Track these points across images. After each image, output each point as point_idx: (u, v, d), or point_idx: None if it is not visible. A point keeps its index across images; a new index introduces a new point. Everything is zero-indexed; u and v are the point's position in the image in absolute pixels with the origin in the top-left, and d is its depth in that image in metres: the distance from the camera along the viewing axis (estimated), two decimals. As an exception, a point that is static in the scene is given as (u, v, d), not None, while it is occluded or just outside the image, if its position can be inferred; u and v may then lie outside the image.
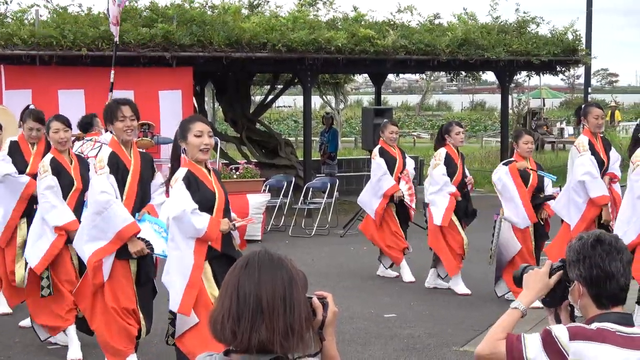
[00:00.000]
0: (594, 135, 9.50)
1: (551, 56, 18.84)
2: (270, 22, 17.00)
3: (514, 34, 18.95)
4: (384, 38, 17.33)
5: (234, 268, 2.96)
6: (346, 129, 40.20)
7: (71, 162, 8.21)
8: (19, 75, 14.86)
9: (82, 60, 15.19)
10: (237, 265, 2.97)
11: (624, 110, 52.71)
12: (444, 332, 8.88)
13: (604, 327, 3.53)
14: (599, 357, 3.46)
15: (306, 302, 2.95)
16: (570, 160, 9.59)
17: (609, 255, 3.56)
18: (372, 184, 11.54)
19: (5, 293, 9.01)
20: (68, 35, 14.89)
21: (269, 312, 2.85)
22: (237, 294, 2.89)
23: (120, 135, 7.23)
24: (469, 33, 18.23)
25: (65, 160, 8.13)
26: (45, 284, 8.10)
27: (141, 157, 7.45)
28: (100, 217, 7.02)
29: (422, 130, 45.84)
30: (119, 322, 7.12)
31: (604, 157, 9.48)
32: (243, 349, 2.88)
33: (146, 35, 15.42)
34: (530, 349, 3.53)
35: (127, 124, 7.20)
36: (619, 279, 3.56)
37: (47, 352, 8.18)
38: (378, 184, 11.35)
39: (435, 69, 25.20)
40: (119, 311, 7.12)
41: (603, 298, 3.58)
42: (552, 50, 18.80)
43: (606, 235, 3.66)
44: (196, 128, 6.61)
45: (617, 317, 3.58)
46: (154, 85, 15.86)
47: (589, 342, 3.48)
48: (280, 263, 2.96)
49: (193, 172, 6.58)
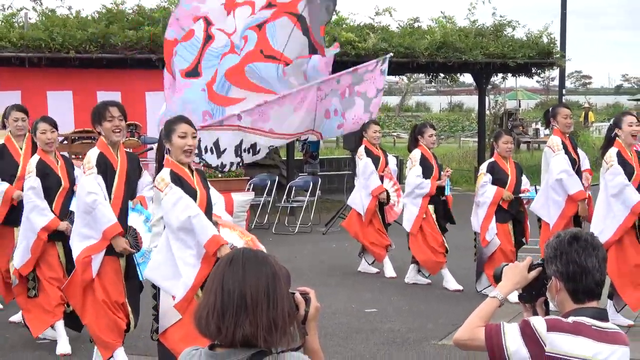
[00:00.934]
0: (564, 135, 9.50)
1: (527, 59, 18.92)
2: (256, 26, 16.98)
3: (490, 37, 19.02)
4: (365, 41, 17.39)
5: (218, 265, 2.95)
6: (329, 129, 40.20)
7: (57, 162, 8.19)
8: (9, 77, 14.83)
9: (70, 62, 15.17)
10: (222, 262, 2.96)
11: (597, 111, 53.02)
12: (423, 326, 8.89)
13: (580, 321, 3.54)
14: (574, 349, 3.48)
15: (289, 297, 2.94)
16: (545, 160, 9.58)
17: (585, 251, 3.58)
18: (361, 183, 11.50)
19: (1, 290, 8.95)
20: (57, 38, 14.86)
21: (252, 307, 2.84)
22: (221, 290, 2.88)
23: (109, 135, 7.17)
24: (447, 36, 18.30)
25: (51, 160, 8.11)
26: (31, 285, 8.09)
27: (128, 157, 7.41)
28: (90, 216, 6.99)
29: (402, 130, 45.83)
30: (109, 315, 7.08)
31: (575, 156, 9.52)
32: (227, 343, 2.87)
33: (133, 38, 15.40)
34: (509, 338, 3.54)
35: (116, 123, 7.14)
36: (594, 274, 3.58)
37: (37, 347, 8.14)
38: (366, 183, 11.34)
39: (415, 71, 25.29)
40: (110, 305, 7.09)
41: (579, 293, 3.60)
42: (527, 53, 18.88)
43: (582, 233, 3.68)
44: (180, 129, 6.53)
45: (593, 312, 3.59)
46: (140, 87, 15.85)
47: (565, 335, 3.49)
48: (264, 260, 2.96)
49: (176, 172, 6.50)
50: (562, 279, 3.60)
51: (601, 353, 3.51)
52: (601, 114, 52.10)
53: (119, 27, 15.71)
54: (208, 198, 6.69)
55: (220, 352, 2.90)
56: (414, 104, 68.41)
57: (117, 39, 15.31)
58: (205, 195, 6.65)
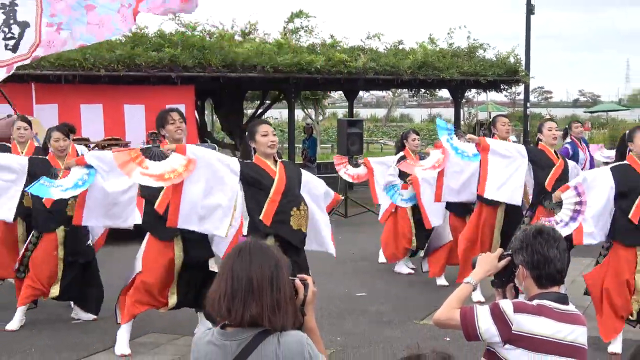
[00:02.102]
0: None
1: (496, 76, 18.95)
2: (260, 48, 17.01)
3: (465, 57, 19.03)
4: (356, 61, 17.40)
5: (229, 255, 2.96)
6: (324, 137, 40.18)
7: None
8: (47, 92, 14.81)
9: (100, 79, 15.17)
10: (232, 252, 2.96)
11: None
12: (407, 308, 8.89)
13: (543, 304, 3.55)
14: (537, 328, 3.49)
15: (290, 283, 2.94)
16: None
17: (548, 243, 3.59)
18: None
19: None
20: (89, 58, 14.86)
21: (258, 291, 2.84)
22: (231, 277, 2.88)
23: (172, 135, 7.23)
24: (427, 57, 18.32)
25: (59, 165, 7.97)
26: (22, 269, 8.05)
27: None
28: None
29: (388, 138, 45.98)
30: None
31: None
32: (237, 323, 2.87)
33: (155, 58, 15.41)
34: (481, 318, 3.55)
35: (177, 125, 7.25)
36: (556, 263, 3.59)
37: (71, 327, 8.11)
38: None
39: (399, 87, 25.27)
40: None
41: (543, 279, 3.61)
42: (496, 72, 18.91)
43: (545, 228, 3.70)
44: (262, 129, 6.69)
45: (554, 296, 3.60)
46: (161, 101, 15.78)
47: (529, 315, 3.50)
48: (268, 250, 2.96)
49: (256, 163, 6.68)
50: (528, 267, 3.62)
51: (561, 331, 3.52)
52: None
53: (143, 49, 15.72)
54: (287, 184, 6.65)
55: (231, 331, 2.90)
56: (399, 115, 68.39)
57: (141, 59, 15.32)
58: (284, 182, 6.64)
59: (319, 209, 7.09)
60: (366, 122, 44.72)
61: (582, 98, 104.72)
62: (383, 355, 6.98)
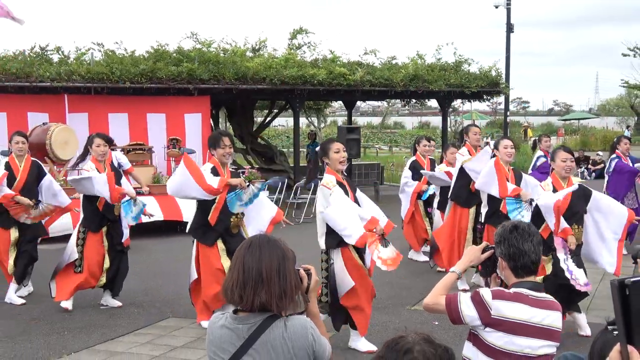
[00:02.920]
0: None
1: (479, 88, 18.95)
2: (268, 62, 17.02)
3: (451, 71, 19.03)
4: (354, 74, 17.40)
5: (240, 248, 2.96)
6: (326, 142, 40.18)
7: (105, 169, 8.16)
8: (79, 102, 14.83)
9: (126, 91, 15.19)
10: (243, 245, 2.97)
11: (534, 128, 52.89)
12: (400, 295, 8.89)
13: (519, 292, 3.56)
14: (514, 313, 3.50)
15: (295, 273, 2.95)
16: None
17: (522, 237, 3.60)
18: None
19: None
20: (116, 72, 14.87)
21: (267, 280, 2.84)
22: (243, 268, 2.88)
23: (220, 158, 7.19)
24: (418, 70, 18.32)
25: (101, 167, 8.09)
26: (78, 263, 8.11)
27: (231, 176, 7.37)
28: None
29: (383, 143, 45.93)
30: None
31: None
32: (248, 308, 2.88)
33: (174, 72, 15.43)
34: (463, 303, 3.57)
35: (227, 150, 7.19)
36: (530, 255, 3.60)
37: (99, 312, 8.13)
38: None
39: (392, 97, 25.23)
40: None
41: (519, 269, 3.62)
42: (480, 84, 18.91)
43: (521, 223, 3.71)
44: (334, 147, 6.61)
45: (530, 284, 3.61)
46: (180, 110, 15.86)
47: (507, 302, 3.52)
48: (276, 243, 2.96)
49: (338, 179, 6.56)
50: (506, 259, 3.63)
51: (535, 316, 3.52)
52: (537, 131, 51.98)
53: (164, 63, 15.73)
54: (355, 198, 6.67)
55: (242, 316, 2.91)
56: (392, 122, 68.34)
57: (162, 73, 15.32)
58: (353, 195, 6.64)
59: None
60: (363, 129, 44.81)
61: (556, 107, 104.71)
62: (378, 338, 6.98)
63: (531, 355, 3.52)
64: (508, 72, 23.67)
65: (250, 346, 2.85)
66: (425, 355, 2.04)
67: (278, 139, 42.84)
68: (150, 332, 7.28)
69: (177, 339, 7.04)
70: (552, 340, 3.56)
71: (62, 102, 14.66)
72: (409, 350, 2.05)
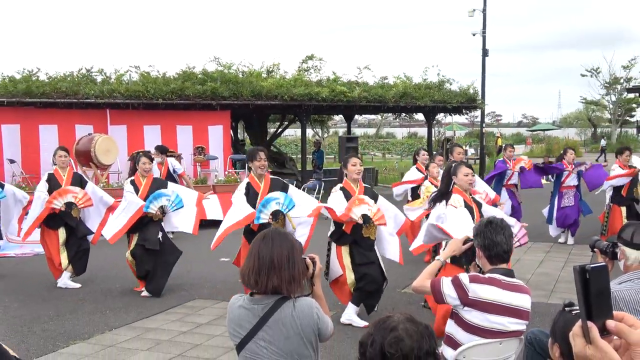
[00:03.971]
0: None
1: (459, 103, 18.97)
2: (280, 82, 17.05)
3: (435, 89, 19.04)
4: (352, 92, 17.42)
5: (256, 239, 2.96)
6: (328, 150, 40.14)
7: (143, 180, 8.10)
8: (118, 116, 14.88)
9: (159, 106, 15.22)
10: (258, 237, 2.97)
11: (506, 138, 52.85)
12: (391, 279, 8.85)
13: (493, 277, 3.57)
14: (488, 294, 3.51)
15: (302, 261, 2.95)
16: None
17: (495, 230, 3.62)
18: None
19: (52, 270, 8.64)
20: (150, 90, 14.92)
21: (278, 267, 2.84)
22: (257, 256, 2.88)
23: (256, 170, 7.05)
24: (407, 89, 18.36)
25: (140, 182, 8.05)
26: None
27: (271, 182, 7.22)
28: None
29: (377, 151, 46.06)
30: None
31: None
32: (262, 291, 2.88)
33: (200, 90, 15.47)
34: (445, 286, 3.60)
35: (263, 163, 7.04)
36: (502, 245, 3.61)
37: (136, 294, 8.12)
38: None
39: (385, 112, 25.28)
40: None
41: (493, 258, 3.62)
42: (459, 100, 18.92)
43: (494, 219, 3.73)
44: (352, 161, 6.74)
45: (502, 271, 3.62)
46: (205, 122, 15.88)
47: (481, 285, 3.53)
48: (286, 236, 2.96)
49: (344, 187, 6.70)
50: (482, 249, 3.64)
51: (506, 298, 3.53)
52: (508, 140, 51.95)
53: (191, 83, 15.77)
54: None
55: (257, 298, 2.91)
56: (385, 133, 68.42)
57: (189, 91, 15.37)
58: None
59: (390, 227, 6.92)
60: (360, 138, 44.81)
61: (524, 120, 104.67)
62: (372, 316, 6.95)
63: (504, 331, 3.51)
64: (483, 90, 23.63)
65: (264, 323, 2.85)
66: (408, 332, 2.06)
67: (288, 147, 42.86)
68: (179, 311, 7.28)
69: (202, 317, 7.03)
70: (521, 319, 3.56)
71: (105, 116, 14.70)
72: (395, 328, 2.06)
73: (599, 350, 1.23)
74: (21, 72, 16.09)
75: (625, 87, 49.77)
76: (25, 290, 8.30)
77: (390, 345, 2.02)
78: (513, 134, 63.48)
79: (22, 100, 14.29)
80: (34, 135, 14.42)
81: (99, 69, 16.63)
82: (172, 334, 6.44)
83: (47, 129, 14.44)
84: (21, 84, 14.63)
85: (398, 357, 2.01)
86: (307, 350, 2.88)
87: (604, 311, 1.24)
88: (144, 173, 8.09)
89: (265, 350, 2.85)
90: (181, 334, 6.42)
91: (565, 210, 11.13)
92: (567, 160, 11.29)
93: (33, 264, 9.89)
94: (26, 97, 14.32)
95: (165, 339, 6.24)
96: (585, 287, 1.24)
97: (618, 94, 53.09)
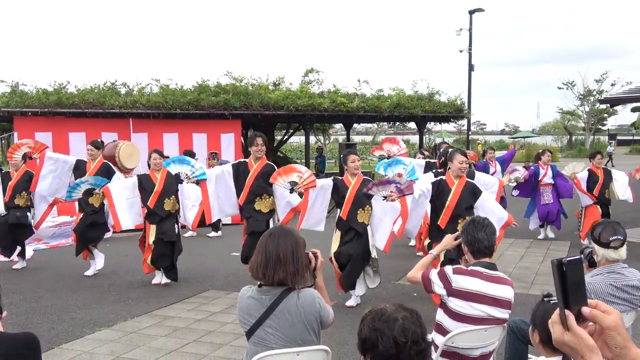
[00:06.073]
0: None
1: (447, 113, 18.91)
2: (286, 94, 17.04)
3: (426, 100, 19.00)
4: (352, 103, 17.39)
5: (263, 236, 2.96)
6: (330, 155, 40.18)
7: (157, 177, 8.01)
8: (140, 125, 14.87)
9: (177, 116, 15.21)
10: (265, 234, 2.96)
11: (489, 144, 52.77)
12: (385, 272, 8.84)
13: (475, 269, 3.56)
14: (470, 285, 3.51)
15: (305, 255, 2.94)
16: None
17: (477, 228, 3.63)
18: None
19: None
20: (169, 101, 14.92)
21: (283, 261, 2.84)
22: (265, 251, 2.88)
23: (254, 154, 7.23)
24: (400, 100, 18.32)
25: (155, 176, 7.99)
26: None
27: (264, 166, 7.27)
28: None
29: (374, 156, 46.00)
30: None
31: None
32: (269, 283, 2.87)
33: (214, 101, 15.46)
34: (433, 277, 3.59)
35: (259, 148, 7.23)
36: (484, 241, 3.61)
37: (155, 287, 8.10)
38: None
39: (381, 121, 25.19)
40: None
41: (476, 252, 3.62)
42: (448, 110, 18.87)
43: (478, 217, 3.75)
44: (352, 158, 6.80)
45: (485, 264, 3.61)
46: (218, 130, 15.87)
47: (464, 276, 3.52)
48: (290, 233, 2.96)
49: (341, 179, 6.81)
50: (466, 244, 3.64)
51: (488, 288, 3.52)
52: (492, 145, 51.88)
53: (206, 95, 15.76)
54: (356, 194, 6.71)
55: (265, 288, 2.90)
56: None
57: (204, 102, 15.36)
58: (354, 192, 6.71)
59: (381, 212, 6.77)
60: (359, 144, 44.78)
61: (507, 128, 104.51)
62: (369, 305, 6.94)
63: (487, 318, 3.50)
64: (470, 101, 23.64)
65: (272, 312, 2.84)
66: (407, 319, 2.05)
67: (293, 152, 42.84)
68: (194, 301, 7.27)
69: (216, 306, 7.02)
70: (503, 308, 3.54)
71: (128, 125, 14.70)
72: (396, 319, 2.05)
73: (575, 336, 1.23)
74: (53, 85, 16.17)
75: (597, 99, 49.81)
76: (55, 282, 8.31)
77: (399, 334, 2.01)
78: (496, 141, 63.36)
79: (54, 110, 14.32)
80: (64, 142, 14.45)
81: (123, 82, 16.69)
82: (188, 321, 6.43)
83: (76, 136, 14.46)
84: (53, 95, 14.67)
85: (409, 344, 2.00)
86: (310, 336, 2.88)
87: (579, 300, 1.25)
88: (156, 167, 8.03)
89: (272, 337, 2.85)
90: (196, 322, 6.42)
91: (548, 207, 11.22)
92: (543, 161, 11.36)
93: (63, 257, 9.89)
94: (57, 107, 14.35)
95: (182, 326, 6.24)
96: (562, 278, 1.24)
97: (591, 105, 53.09)
